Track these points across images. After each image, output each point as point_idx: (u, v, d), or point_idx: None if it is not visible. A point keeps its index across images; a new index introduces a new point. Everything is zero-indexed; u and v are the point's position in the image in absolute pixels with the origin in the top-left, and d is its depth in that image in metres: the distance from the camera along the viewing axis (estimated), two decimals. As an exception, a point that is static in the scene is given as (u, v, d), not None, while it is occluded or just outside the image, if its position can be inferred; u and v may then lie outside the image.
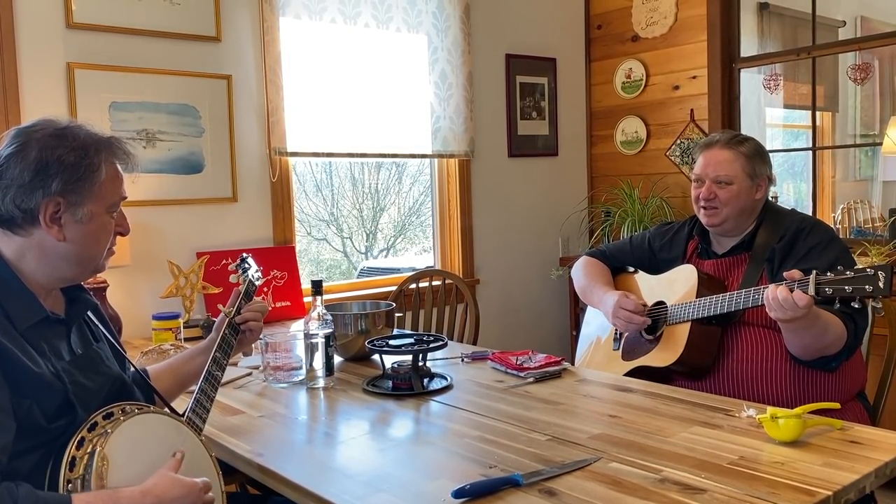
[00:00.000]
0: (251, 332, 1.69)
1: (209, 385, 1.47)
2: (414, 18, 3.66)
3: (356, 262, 5.94)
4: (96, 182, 1.29)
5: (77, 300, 1.39)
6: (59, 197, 1.26)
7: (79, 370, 1.28)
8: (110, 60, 2.84)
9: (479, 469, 1.37)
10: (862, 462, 1.34)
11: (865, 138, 4.61)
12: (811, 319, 1.75)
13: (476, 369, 2.13)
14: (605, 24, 4.44)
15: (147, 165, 2.94)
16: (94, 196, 1.29)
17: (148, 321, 2.65)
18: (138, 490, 1.14)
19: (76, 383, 1.25)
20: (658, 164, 4.23)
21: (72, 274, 1.34)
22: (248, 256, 1.86)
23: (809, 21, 3.76)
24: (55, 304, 1.35)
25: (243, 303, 1.69)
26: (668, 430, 1.54)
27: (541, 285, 4.32)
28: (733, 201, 2.05)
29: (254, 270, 1.82)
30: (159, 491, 1.15)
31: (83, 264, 1.33)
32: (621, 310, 2.12)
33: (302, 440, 1.64)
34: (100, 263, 1.36)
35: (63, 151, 1.26)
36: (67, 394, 1.22)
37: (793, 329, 1.80)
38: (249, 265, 1.83)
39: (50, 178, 1.25)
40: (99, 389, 1.30)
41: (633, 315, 2.11)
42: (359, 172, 5.94)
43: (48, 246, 1.28)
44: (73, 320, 1.35)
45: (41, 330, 1.26)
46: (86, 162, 1.28)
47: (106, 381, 1.34)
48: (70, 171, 1.26)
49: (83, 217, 1.28)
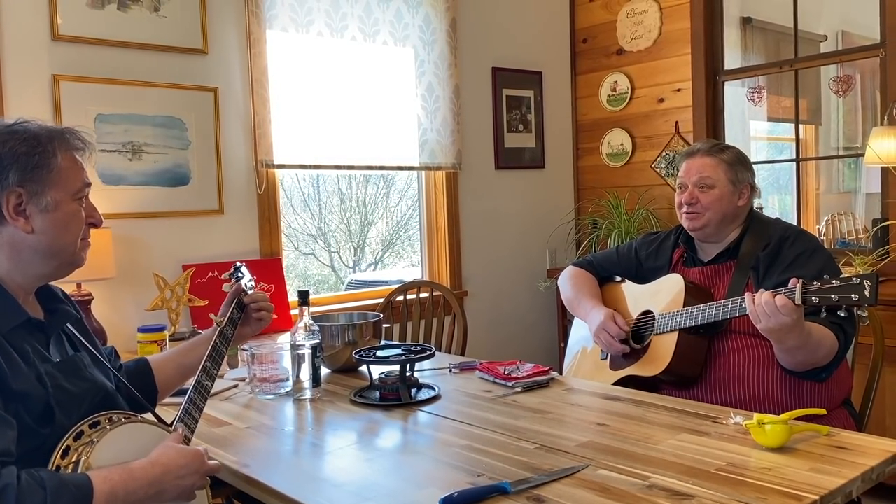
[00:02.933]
0: (260, 322, 1.71)
1: (198, 395, 1.46)
2: (401, 32, 3.68)
3: (344, 277, 5.92)
4: (53, 168, 1.28)
5: (57, 311, 1.38)
6: (19, 188, 1.25)
7: (62, 374, 1.27)
8: (96, 73, 2.84)
9: (467, 477, 1.37)
10: (848, 467, 1.34)
11: (849, 150, 4.66)
12: (803, 338, 1.75)
13: (464, 379, 2.13)
14: (591, 38, 4.48)
15: (133, 178, 2.93)
16: (54, 183, 1.28)
17: (133, 334, 2.62)
18: (147, 461, 1.21)
19: (58, 387, 1.24)
20: (644, 176, 4.26)
21: (48, 269, 1.32)
22: (241, 265, 1.85)
23: (792, 35, 3.81)
24: (33, 311, 1.34)
25: (235, 312, 1.68)
26: (655, 438, 1.54)
27: (528, 297, 4.33)
28: (715, 205, 2.07)
29: (247, 280, 1.81)
30: (166, 459, 1.22)
31: (57, 256, 1.31)
32: (604, 332, 2.16)
33: (289, 451, 1.63)
34: (76, 256, 1.34)
35: (15, 143, 1.26)
36: (48, 398, 1.21)
37: (786, 349, 1.80)
38: (243, 274, 1.82)
39: (5, 171, 1.24)
40: (82, 396, 1.29)
41: (613, 342, 2.15)
42: (347, 187, 5.94)
43: (18, 241, 1.27)
44: (53, 328, 1.34)
45: (23, 334, 1.25)
46: (39, 150, 1.27)
47: (90, 387, 1.32)
48: (24, 160, 1.25)
49: (48, 205, 1.27)
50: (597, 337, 2.19)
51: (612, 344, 2.15)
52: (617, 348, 2.15)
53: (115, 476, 1.14)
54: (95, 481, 1.12)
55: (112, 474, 1.14)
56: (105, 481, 1.13)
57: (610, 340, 2.15)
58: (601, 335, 2.17)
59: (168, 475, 1.20)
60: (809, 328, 1.76)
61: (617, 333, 2.14)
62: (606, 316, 2.17)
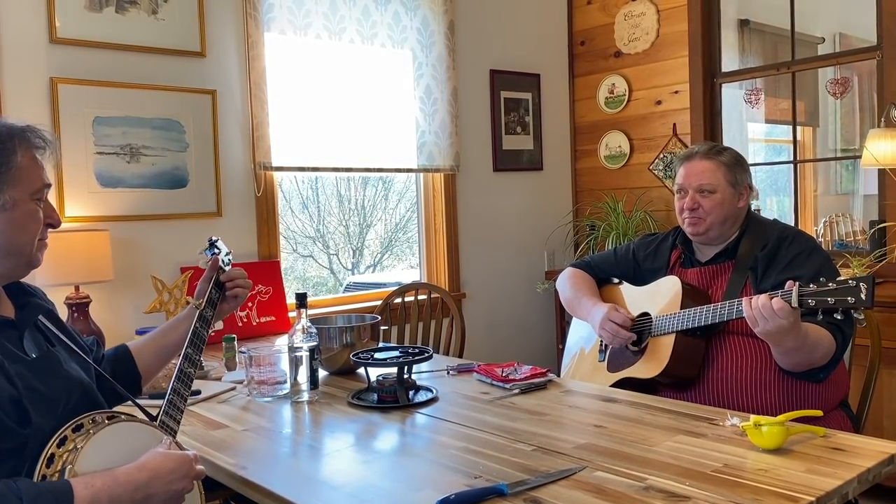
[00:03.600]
0: (235, 299, 1.65)
1: (181, 384, 1.43)
2: (399, 34, 3.69)
3: (342, 279, 5.92)
4: (12, 167, 1.26)
5: (28, 305, 1.36)
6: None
7: (34, 374, 1.25)
8: (94, 75, 2.84)
9: (464, 479, 1.37)
10: (844, 468, 1.35)
11: (846, 152, 4.67)
12: (800, 339, 1.76)
13: (461, 381, 2.13)
14: (588, 41, 4.48)
15: (131, 180, 2.93)
16: (13, 182, 1.26)
17: (131, 336, 2.63)
18: (133, 466, 1.19)
19: (30, 388, 1.22)
20: (641, 178, 4.27)
21: (3, 269, 1.30)
22: (217, 239, 1.73)
23: (789, 37, 3.82)
24: (4, 309, 1.32)
25: (214, 292, 1.62)
26: (652, 439, 1.55)
27: (527, 299, 4.33)
28: (717, 209, 2.07)
29: (224, 253, 1.70)
30: (154, 465, 1.20)
31: (12, 255, 1.29)
32: (609, 322, 2.14)
33: (286, 453, 1.63)
34: (32, 256, 1.32)
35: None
36: (21, 399, 1.19)
37: (784, 350, 1.81)
38: (220, 249, 1.70)
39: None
40: (57, 397, 1.27)
41: (620, 329, 2.12)
42: (345, 189, 5.95)
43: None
44: (24, 324, 1.33)
45: None
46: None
47: (66, 385, 1.30)
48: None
49: (6, 204, 1.26)
50: (602, 329, 2.16)
51: (619, 332, 2.12)
52: (624, 336, 2.12)
53: (98, 482, 1.13)
54: (77, 488, 1.10)
55: (95, 480, 1.13)
56: (87, 487, 1.11)
57: (616, 329, 2.12)
58: (606, 326, 2.14)
59: (156, 480, 1.19)
60: (806, 329, 1.77)
61: (623, 321, 2.12)
62: (609, 308, 2.16)
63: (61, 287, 2.58)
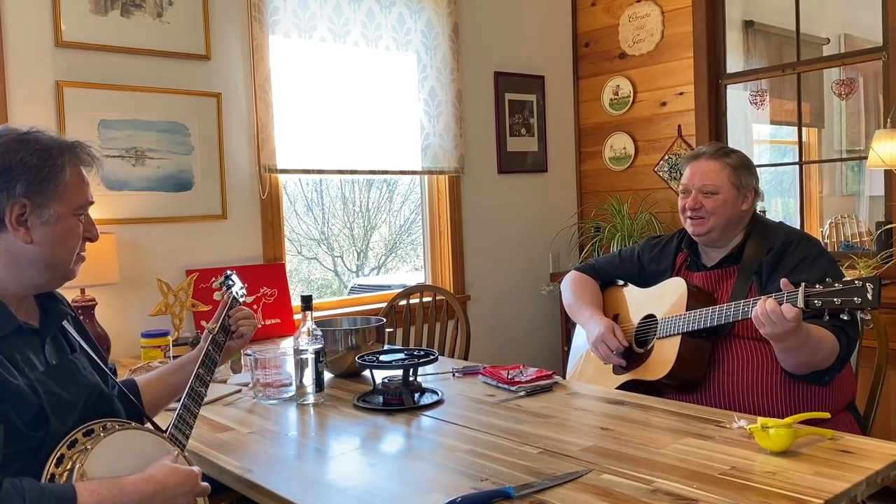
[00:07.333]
0: (241, 338, 1.68)
1: (192, 401, 1.45)
2: (403, 37, 3.69)
3: (347, 282, 5.92)
4: (60, 183, 1.28)
5: (52, 311, 1.37)
6: (24, 199, 1.25)
7: (53, 381, 1.26)
8: (99, 79, 2.85)
9: (471, 482, 1.37)
10: (853, 471, 1.34)
11: (852, 153, 4.66)
12: (802, 338, 1.75)
13: (467, 384, 2.13)
14: (593, 42, 4.48)
15: (136, 183, 2.93)
16: (60, 197, 1.28)
17: (137, 339, 2.63)
18: (140, 477, 1.18)
19: (51, 394, 1.23)
20: (646, 180, 4.26)
21: (41, 280, 1.32)
22: (232, 273, 1.84)
23: (794, 38, 3.81)
24: (28, 313, 1.34)
25: (227, 319, 1.67)
26: (659, 442, 1.54)
27: (532, 301, 4.33)
28: (720, 210, 2.06)
29: (238, 287, 1.80)
30: (160, 477, 1.20)
31: (52, 268, 1.31)
32: (603, 344, 2.15)
33: (292, 456, 1.63)
34: (69, 269, 1.34)
35: (25, 154, 1.26)
36: (42, 405, 1.20)
37: (786, 349, 1.81)
38: (234, 282, 1.81)
39: (13, 181, 1.24)
40: (75, 401, 1.28)
41: (612, 356, 2.15)
42: (350, 191, 5.94)
43: (16, 250, 1.27)
44: (47, 331, 1.34)
45: (14, 341, 1.25)
46: (49, 163, 1.27)
47: (83, 390, 1.31)
48: (33, 172, 1.26)
49: (49, 218, 1.28)
50: (594, 348, 2.18)
51: (611, 357, 2.15)
52: (614, 362, 2.15)
53: (104, 490, 1.12)
54: (81, 494, 1.10)
55: (101, 488, 1.13)
56: (92, 494, 1.11)
57: (608, 354, 2.15)
58: (600, 347, 2.16)
59: (162, 493, 1.19)
60: (808, 329, 1.76)
61: (616, 347, 2.13)
62: (606, 328, 2.16)
63: (67, 290, 2.58)
